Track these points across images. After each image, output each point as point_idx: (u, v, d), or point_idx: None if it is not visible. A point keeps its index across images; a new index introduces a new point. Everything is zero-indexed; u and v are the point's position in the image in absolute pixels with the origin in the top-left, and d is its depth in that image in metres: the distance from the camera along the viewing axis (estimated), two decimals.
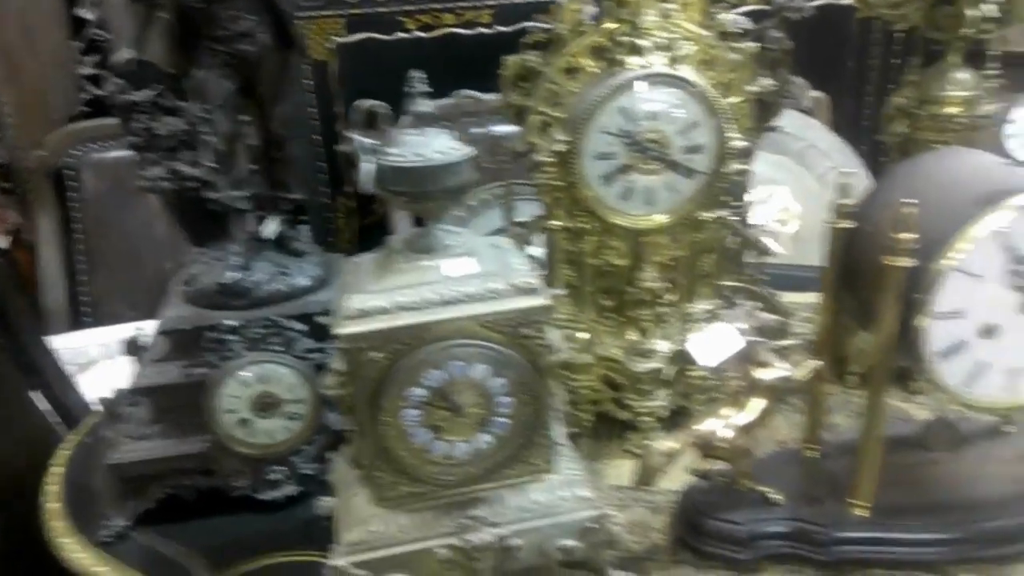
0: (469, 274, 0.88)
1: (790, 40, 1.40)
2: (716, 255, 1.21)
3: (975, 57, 1.25)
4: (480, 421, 0.90)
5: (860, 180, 2.01)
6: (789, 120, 2.45)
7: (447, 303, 0.86)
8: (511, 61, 1.12)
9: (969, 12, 1.14)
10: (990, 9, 1.10)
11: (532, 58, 1.10)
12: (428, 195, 0.86)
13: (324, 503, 0.98)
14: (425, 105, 0.86)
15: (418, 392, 0.88)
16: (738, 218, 1.28)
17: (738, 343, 0.93)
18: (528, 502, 0.95)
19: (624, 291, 1.19)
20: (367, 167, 0.85)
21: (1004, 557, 0.98)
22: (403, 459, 0.90)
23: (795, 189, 2.20)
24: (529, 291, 0.88)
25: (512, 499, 0.95)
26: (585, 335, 1.22)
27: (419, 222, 0.91)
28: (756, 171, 2.39)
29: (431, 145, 0.85)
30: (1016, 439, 1.09)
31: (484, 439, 0.91)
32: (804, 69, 2.44)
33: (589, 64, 1.10)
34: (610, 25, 1.08)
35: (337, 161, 2.38)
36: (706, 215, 1.16)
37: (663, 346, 1.18)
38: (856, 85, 2.72)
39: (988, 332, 0.87)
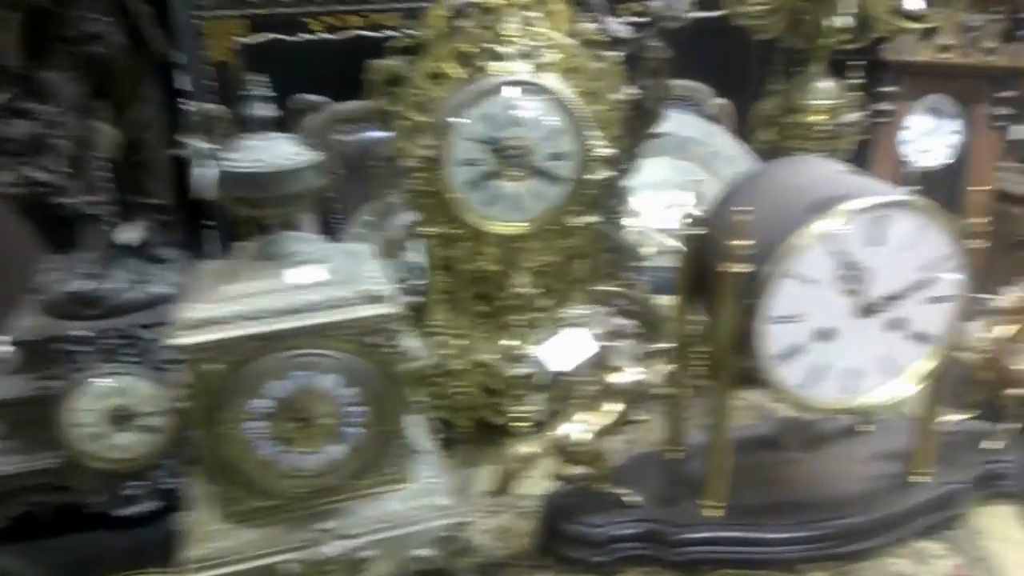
0: (316, 282, 0.87)
1: (669, 49, 1.43)
2: (588, 260, 1.22)
3: (839, 66, 1.29)
4: (330, 432, 0.89)
5: None
6: (695, 126, 2.49)
7: (290, 312, 0.84)
8: (377, 66, 1.11)
9: (827, 22, 1.17)
10: (844, 20, 1.13)
11: (397, 63, 1.09)
12: (269, 201, 0.84)
13: (184, 518, 0.96)
14: (265, 109, 0.85)
15: (262, 404, 0.86)
16: (612, 223, 1.30)
17: (590, 348, 0.93)
18: (383, 513, 0.94)
19: (498, 297, 1.19)
20: (203, 172, 0.83)
21: (856, 554, 1.01)
22: (249, 472, 0.88)
23: (700, 194, 2.23)
24: (378, 299, 0.87)
25: (366, 510, 0.94)
26: (461, 341, 1.22)
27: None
28: (662, 177, 2.42)
29: (273, 150, 0.84)
30: (872, 438, 1.12)
31: (335, 450, 0.90)
32: (709, 76, 2.50)
33: (454, 69, 1.09)
34: (473, 31, 1.07)
35: None
36: (575, 221, 1.17)
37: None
38: (760, 92, 2.78)
39: (824, 335, 0.89)
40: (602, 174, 1.15)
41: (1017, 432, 1.10)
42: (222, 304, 0.84)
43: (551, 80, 1.08)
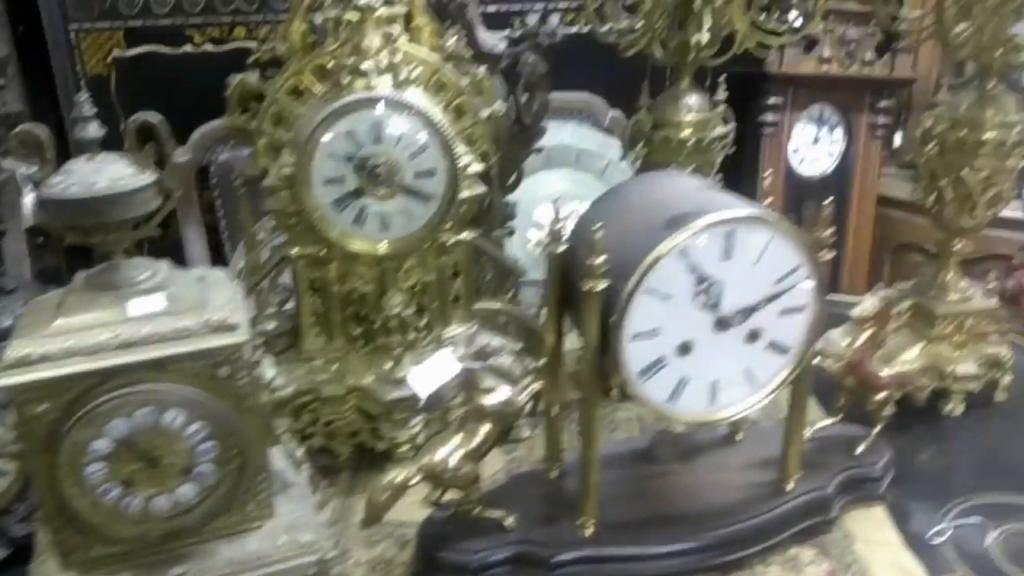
0: (157, 312, 0.82)
1: (545, 64, 1.43)
2: (466, 278, 1.21)
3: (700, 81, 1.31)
4: (179, 471, 0.84)
5: None
6: (591, 139, 2.52)
7: (127, 346, 0.79)
8: (234, 81, 1.07)
9: (693, 38, 1.19)
10: (703, 37, 1.15)
11: (254, 79, 1.05)
12: (99, 228, 0.79)
13: (30, 568, 0.89)
14: (94, 131, 0.80)
15: (100, 444, 0.80)
16: (493, 239, 1.29)
17: (454, 370, 0.91)
18: (244, 553, 0.89)
19: (372, 318, 1.16)
20: (32, 198, 0.77)
21: (732, 563, 1.02)
22: (89, 518, 0.82)
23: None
24: (226, 328, 0.83)
25: (225, 551, 0.89)
26: (336, 365, 1.18)
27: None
28: (560, 188, 2.42)
29: (102, 173, 0.79)
30: (744, 446, 1.14)
31: (186, 490, 0.84)
32: (605, 89, 2.52)
33: (315, 85, 1.06)
34: (334, 46, 1.04)
35: None
36: (451, 239, 1.15)
37: None
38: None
39: (684, 349, 0.90)
40: (476, 190, 1.14)
41: (881, 435, 1.13)
42: (52, 339, 0.78)
43: (415, 96, 1.06)
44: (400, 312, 1.13)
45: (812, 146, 2.75)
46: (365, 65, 1.03)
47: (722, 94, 1.29)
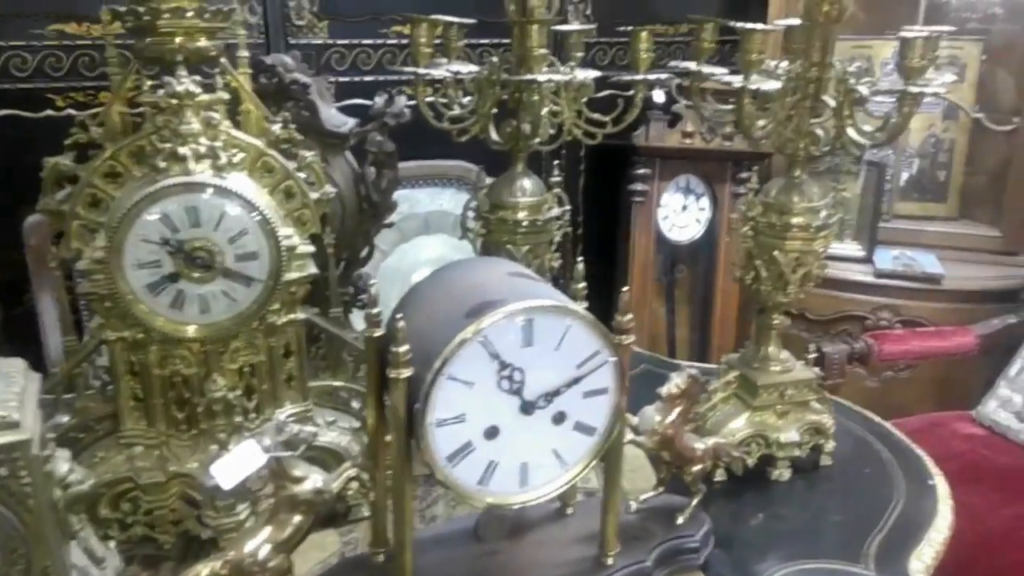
0: None
1: (392, 143, 1.46)
2: (300, 357, 1.20)
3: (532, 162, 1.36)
4: None
5: None
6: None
7: None
8: (48, 164, 1.05)
9: (524, 126, 1.25)
10: (528, 127, 1.20)
11: (68, 162, 1.04)
12: None
13: None
14: None
15: None
16: (332, 317, 1.29)
17: (259, 460, 0.90)
18: None
19: (196, 402, 1.13)
20: None
21: None
22: None
23: None
24: (6, 426, 0.79)
25: None
26: (158, 451, 1.14)
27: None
28: (438, 253, 2.44)
29: None
30: (573, 520, 1.16)
31: None
32: (485, 158, 2.59)
33: (133, 169, 1.05)
34: (153, 129, 1.04)
35: None
36: (280, 319, 1.14)
37: None
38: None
39: (491, 434, 0.91)
40: (306, 271, 1.14)
41: (703, 505, 1.17)
42: None
43: (237, 180, 1.06)
44: (224, 396, 1.11)
45: (681, 213, 2.89)
46: (183, 150, 1.03)
47: (557, 176, 1.35)
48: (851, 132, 1.17)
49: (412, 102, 1.32)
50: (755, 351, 1.39)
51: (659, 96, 2.65)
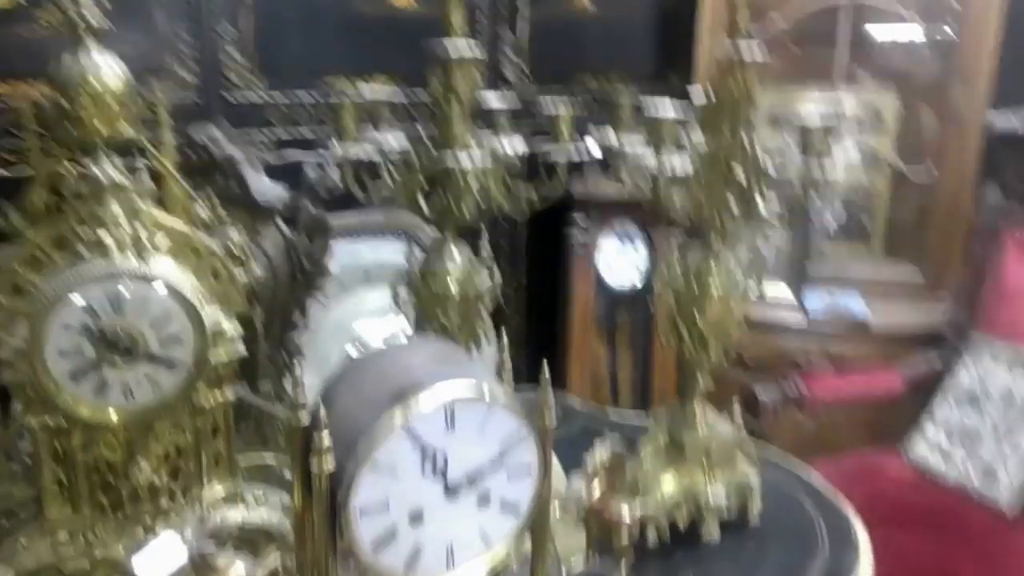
0: None
1: (324, 212, 1.48)
2: (227, 435, 1.19)
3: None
4: None
5: None
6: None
7: None
8: None
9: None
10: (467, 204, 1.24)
11: None
12: None
13: None
14: None
15: None
16: (258, 393, 1.29)
17: (181, 554, 0.90)
18: None
19: (122, 486, 1.12)
20: None
21: None
22: None
23: None
24: None
25: None
26: (82, 537, 1.12)
27: None
28: (384, 304, 2.44)
29: None
30: None
31: None
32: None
33: (55, 255, 1.04)
34: (75, 215, 1.04)
35: None
36: (206, 400, 1.14)
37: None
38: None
39: (416, 518, 0.92)
40: (231, 350, 1.14)
41: (633, 570, 1.20)
42: None
43: (160, 264, 1.06)
44: (150, 480, 1.10)
45: (619, 260, 2.96)
46: (106, 237, 1.03)
47: (487, 249, 1.37)
48: (762, 209, 1.23)
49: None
50: (681, 410, 1.43)
51: (594, 148, 2.73)
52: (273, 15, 2.39)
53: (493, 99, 1.37)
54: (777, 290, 2.85)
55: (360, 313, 2.55)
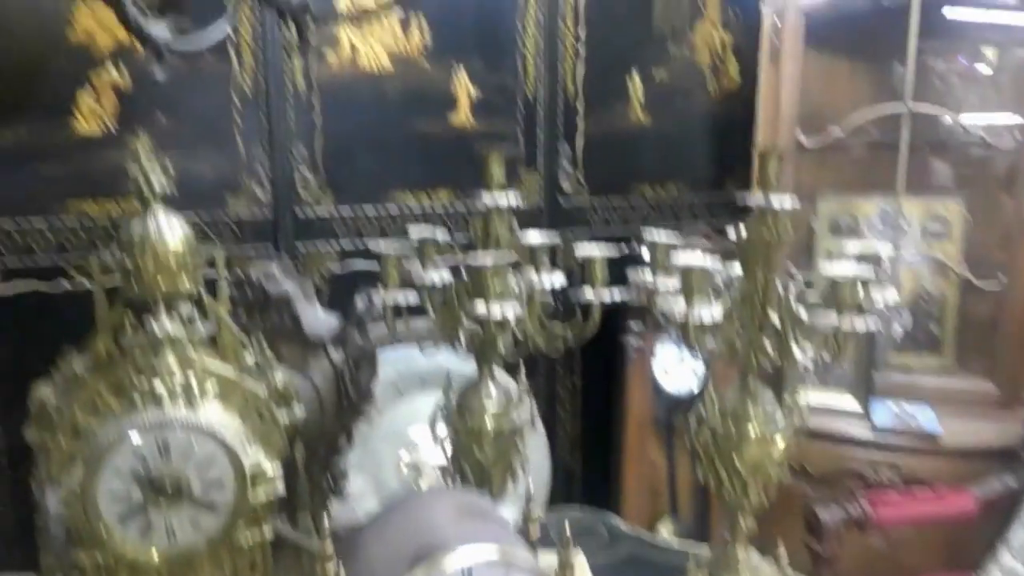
0: None
1: (372, 342, 1.54)
2: (264, 570, 1.23)
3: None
4: None
5: None
6: (456, 359, 2.64)
7: None
8: (34, 397, 1.13)
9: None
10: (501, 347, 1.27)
11: (50, 396, 1.11)
12: None
13: None
14: None
15: None
16: (299, 526, 1.33)
17: None
18: None
19: None
20: None
21: None
22: None
23: None
24: None
25: None
26: None
27: None
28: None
29: None
30: None
31: None
32: None
33: (111, 401, 1.12)
34: (129, 366, 1.12)
35: None
36: (246, 538, 1.18)
37: None
38: None
39: None
40: (271, 491, 1.19)
41: None
42: None
43: (209, 410, 1.13)
44: None
45: (676, 365, 2.93)
46: (159, 388, 1.10)
47: (524, 384, 1.41)
48: (796, 352, 1.23)
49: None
50: (724, 553, 1.39)
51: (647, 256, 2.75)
52: (342, 136, 2.55)
53: (534, 237, 1.43)
54: (842, 400, 2.77)
55: (415, 419, 2.59)
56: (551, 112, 2.78)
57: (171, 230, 1.13)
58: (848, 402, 2.77)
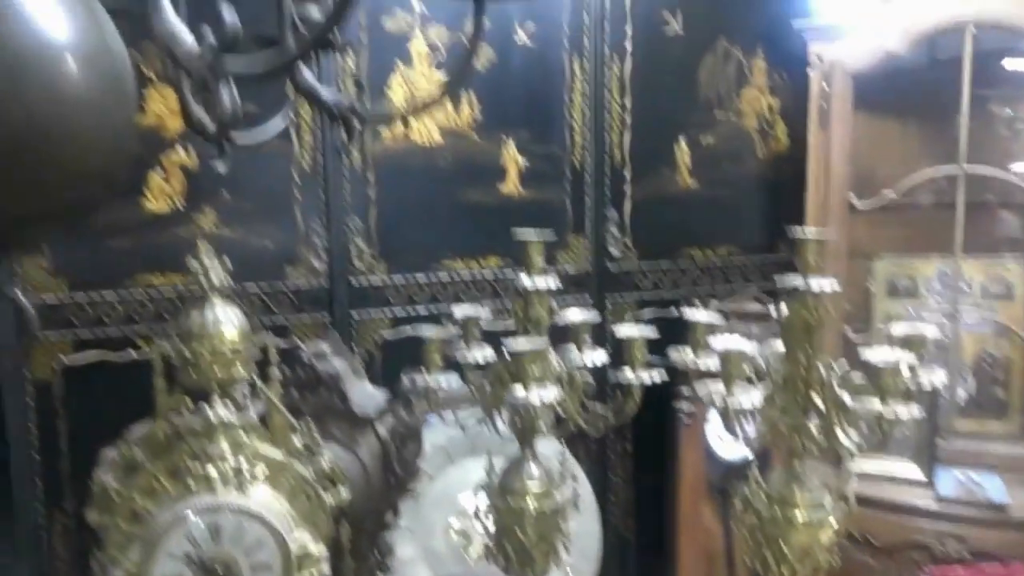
0: None
1: (417, 418, 1.57)
2: None
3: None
4: None
5: None
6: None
7: None
8: (96, 483, 1.19)
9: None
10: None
11: (112, 482, 1.17)
12: None
13: None
14: None
15: None
16: None
17: None
18: None
19: None
20: None
21: None
22: None
23: None
24: None
25: None
26: None
27: None
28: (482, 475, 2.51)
29: None
30: None
31: None
32: None
33: (168, 486, 1.18)
34: (185, 451, 1.17)
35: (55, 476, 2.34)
36: None
37: None
38: None
39: None
40: (316, 570, 1.22)
41: None
42: None
43: (258, 494, 1.17)
44: None
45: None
46: (212, 472, 1.15)
47: (567, 463, 1.41)
48: (841, 436, 1.21)
49: None
50: None
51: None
52: (395, 207, 2.63)
53: (574, 315, 1.45)
54: (905, 468, 2.67)
55: (465, 485, 2.60)
56: (598, 179, 2.82)
57: (227, 322, 1.20)
58: (911, 470, 2.67)
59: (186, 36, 0.55)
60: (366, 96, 2.40)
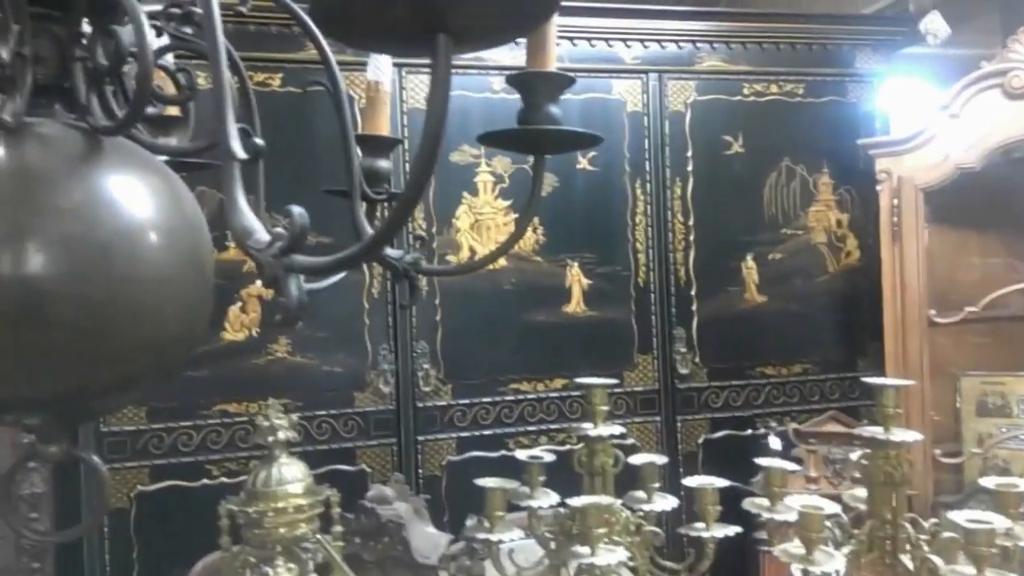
0: None
1: (481, 565, 1.53)
2: None
3: None
4: None
5: None
6: None
7: None
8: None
9: None
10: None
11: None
12: None
13: None
14: None
15: None
16: None
17: None
18: None
19: None
20: None
21: None
22: None
23: None
24: None
25: None
26: None
27: None
28: None
29: None
30: None
31: None
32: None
33: None
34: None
35: None
36: None
37: None
38: None
39: None
40: None
41: None
42: None
43: None
44: None
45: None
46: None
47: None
48: None
49: None
50: None
51: (775, 443, 2.63)
52: (461, 331, 2.66)
53: (641, 459, 1.41)
54: None
55: None
56: (664, 297, 2.80)
57: (293, 475, 1.21)
58: None
59: (261, 234, 0.58)
60: (429, 248, 2.48)
